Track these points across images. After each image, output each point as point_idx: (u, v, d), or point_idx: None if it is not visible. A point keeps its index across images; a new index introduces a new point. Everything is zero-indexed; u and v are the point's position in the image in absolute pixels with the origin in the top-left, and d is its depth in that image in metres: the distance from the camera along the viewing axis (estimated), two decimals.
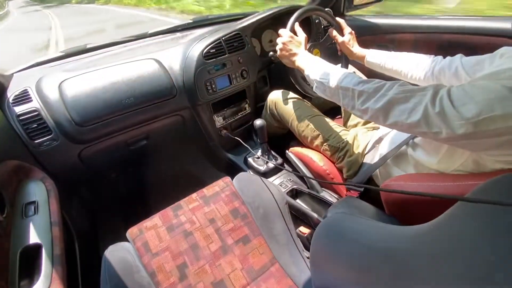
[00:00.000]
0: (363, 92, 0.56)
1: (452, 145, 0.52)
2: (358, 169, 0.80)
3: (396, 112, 0.51)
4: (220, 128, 1.09)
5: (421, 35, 1.07)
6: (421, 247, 0.32)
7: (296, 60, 0.80)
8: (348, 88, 0.60)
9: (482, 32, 0.91)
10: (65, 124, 0.79)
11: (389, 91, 0.52)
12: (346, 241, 0.46)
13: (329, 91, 0.67)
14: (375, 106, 0.54)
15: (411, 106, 0.48)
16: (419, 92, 0.48)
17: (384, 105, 0.52)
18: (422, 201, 0.51)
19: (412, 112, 0.48)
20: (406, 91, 0.50)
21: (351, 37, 0.92)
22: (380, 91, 0.54)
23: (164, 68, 0.94)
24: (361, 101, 0.57)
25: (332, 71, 0.67)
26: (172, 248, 0.68)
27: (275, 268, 0.66)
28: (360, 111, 0.58)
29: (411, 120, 0.48)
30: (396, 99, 0.51)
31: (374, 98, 0.54)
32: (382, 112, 0.53)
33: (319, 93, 0.71)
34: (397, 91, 0.51)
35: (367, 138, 0.83)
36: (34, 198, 0.62)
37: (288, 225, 0.74)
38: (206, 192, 0.80)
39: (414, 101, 0.48)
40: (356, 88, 0.58)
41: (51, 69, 0.91)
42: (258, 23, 1.08)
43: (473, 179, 0.48)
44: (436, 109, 0.44)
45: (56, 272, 0.51)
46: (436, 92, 0.46)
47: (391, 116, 0.52)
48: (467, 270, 0.25)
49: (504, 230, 0.25)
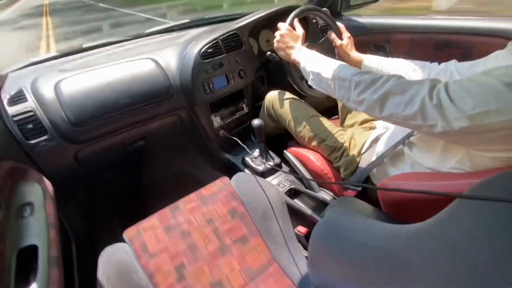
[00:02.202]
0: (360, 82, 0.57)
1: (445, 140, 0.52)
2: (355, 169, 0.81)
3: (392, 103, 0.51)
4: (218, 128, 1.08)
5: (417, 35, 1.08)
6: (418, 246, 0.33)
7: (292, 53, 0.80)
8: (345, 79, 0.60)
9: (478, 32, 0.92)
10: (61, 124, 0.78)
11: (386, 83, 0.52)
12: (344, 240, 0.46)
13: (325, 83, 0.67)
14: (372, 97, 0.54)
15: (407, 98, 0.48)
16: (416, 84, 0.49)
17: (380, 96, 0.52)
18: (419, 200, 0.52)
19: (408, 104, 0.48)
20: (403, 83, 0.51)
21: (349, 41, 0.93)
22: (377, 82, 0.54)
23: (161, 67, 0.93)
24: (358, 92, 0.57)
25: (329, 63, 0.67)
26: (170, 249, 0.67)
27: (274, 268, 0.66)
28: (356, 103, 0.58)
29: (407, 112, 0.48)
30: (393, 91, 0.51)
31: (371, 89, 0.54)
32: (378, 103, 0.53)
33: (315, 86, 0.71)
34: (394, 83, 0.52)
35: (364, 137, 0.83)
36: (30, 199, 0.62)
37: (286, 224, 0.74)
38: (204, 192, 0.80)
39: (411, 93, 0.48)
40: (353, 79, 0.58)
41: (46, 69, 0.90)
42: (255, 23, 1.08)
43: (469, 178, 0.49)
44: (433, 101, 0.45)
45: (52, 274, 0.51)
46: (434, 85, 0.47)
47: (387, 108, 0.52)
48: (464, 269, 0.25)
49: (501, 228, 0.26)
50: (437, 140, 0.58)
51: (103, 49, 1.04)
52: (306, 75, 0.74)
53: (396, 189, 0.56)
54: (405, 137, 0.68)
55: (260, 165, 1.01)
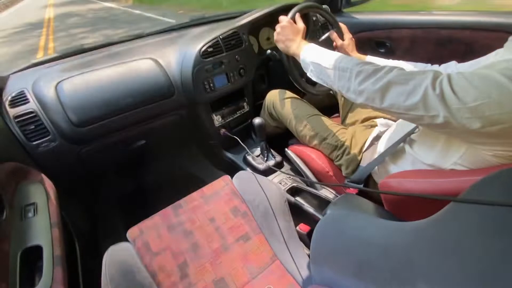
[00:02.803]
0: (361, 72, 0.56)
1: (447, 132, 0.51)
2: (357, 167, 0.81)
3: (394, 94, 0.50)
4: (219, 127, 1.09)
5: (418, 31, 1.07)
6: (420, 243, 0.33)
7: (291, 45, 0.79)
8: (346, 69, 0.59)
9: (480, 27, 0.91)
10: (62, 125, 0.78)
11: (388, 73, 0.52)
12: (346, 238, 0.46)
13: (324, 73, 0.66)
14: (373, 87, 0.53)
15: (410, 88, 0.48)
16: (420, 75, 0.48)
17: (382, 86, 0.52)
18: (421, 198, 0.52)
19: (411, 94, 0.48)
20: (406, 73, 0.50)
21: (351, 42, 0.92)
22: (379, 72, 0.53)
23: (162, 67, 0.93)
24: (359, 81, 0.56)
25: (329, 54, 0.67)
26: (172, 247, 0.68)
27: (276, 266, 0.67)
28: (356, 93, 0.57)
29: (409, 102, 0.48)
30: (395, 81, 0.50)
31: (372, 79, 0.54)
32: (379, 93, 0.52)
33: (314, 77, 0.71)
34: (396, 74, 0.51)
35: (365, 136, 0.83)
36: (33, 199, 0.62)
37: (288, 222, 0.74)
38: (206, 191, 0.81)
39: (413, 83, 0.48)
40: (354, 68, 0.58)
41: (47, 70, 0.90)
42: (255, 21, 1.07)
43: (470, 175, 0.49)
44: (436, 91, 0.45)
45: (56, 274, 0.51)
46: (437, 76, 0.47)
47: (388, 98, 0.51)
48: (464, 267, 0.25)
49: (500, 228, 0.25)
50: (438, 137, 0.57)
51: (103, 49, 1.04)
52: (305, 66, 0.73)
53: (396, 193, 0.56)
54: (406, 134, 0.68)
55: (262, 163, 1.01)
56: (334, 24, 0.96)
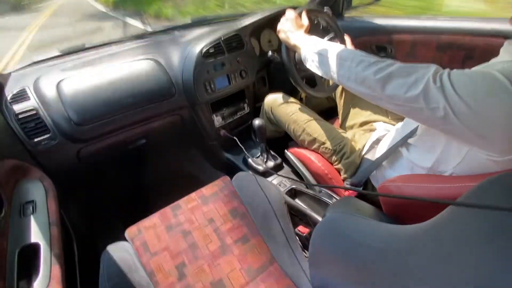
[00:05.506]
0: (363, 61, 0.56)
1: (446, 131, 0.51)
2: (356, 171, 0.81)
3: (395, 85, 0.51)
4: (219, 127, 1.09)
5: (419, 36, 1.08)
6: (418, 246, 0.33)
7: (293, 37, 0.79)
8: (347, 57, 0.60)
9: (480, 33, 0.92)
10: (63, 123, 0.79)
11: (390, 66, 0.53)
12: (345, 240, 0.46)
13: (325, 63, 0.66)
14: (374, 77, 0.53)
15: (412, 80, 0.49)
16: (422, 69, 0.49)
17: (384, 77, 0.52)
18: (419, 202, 0.52)
19: (412, 86, 0.48)
20: (408, 67, 0.51)
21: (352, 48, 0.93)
22: (380, 63, 0.54)
23: (163, 67, 0.94)
24: (360, 69, 0.56)
25: (330, 44, 0.67)
26: (171, 248, 0.68)
27: (274, 268, 0.66)
28: (357, 81, 0.57)
29: (410, 94, 0.48)
30: (397, 73, 0.51)
31: (374, 68, 0.54)
32: (380, 83, 0.53)
33: (314, 68, 0.71)
34: (398, 66, 0.52)
35: (364, 139, 0.83)
36: (32, 197, 0.62)
37: (286, 224, 0.74)
38: (205, 191, 0.80)
39: (415, 76, 0.49)
40: (356, 57, 0.58)
41: (49, 68, 0.90)
42: (257, 23, 1.08)
43: (470, 180, 0.49)
44: (437, 83, 0.46)
45: (54, 272, 0.51)
46: (438, 70, 0.48)
47: (389, 88, 0.52)
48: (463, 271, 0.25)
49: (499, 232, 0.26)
50: (437, 142, 0.57)
51: (105, 48, 1.04)
52: (305, 58, 0.73)
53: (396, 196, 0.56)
54: (403, 138, 0.68)
55: (261, 164, 1.01)
56: (337, 32, 0.96)
